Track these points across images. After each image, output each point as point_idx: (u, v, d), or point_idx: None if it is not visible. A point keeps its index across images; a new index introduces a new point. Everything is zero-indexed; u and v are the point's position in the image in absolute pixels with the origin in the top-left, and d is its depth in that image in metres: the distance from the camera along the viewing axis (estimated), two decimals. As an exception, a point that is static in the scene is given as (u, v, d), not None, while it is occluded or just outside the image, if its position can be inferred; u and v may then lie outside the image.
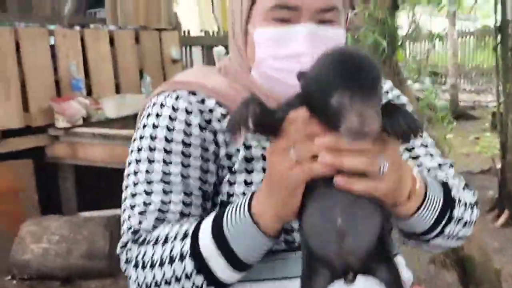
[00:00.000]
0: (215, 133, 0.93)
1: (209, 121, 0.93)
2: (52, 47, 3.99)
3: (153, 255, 0.84)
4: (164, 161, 0.90)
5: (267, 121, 0.71)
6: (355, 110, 0.62)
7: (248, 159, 0.90)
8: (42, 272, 3.40)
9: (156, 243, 0.85)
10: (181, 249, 0.81)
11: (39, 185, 3.87)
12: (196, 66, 1.08)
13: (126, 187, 0.93)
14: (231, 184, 0.90)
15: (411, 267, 1.08)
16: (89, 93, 4.17)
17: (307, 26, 0.88)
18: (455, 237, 0.95)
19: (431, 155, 1.05)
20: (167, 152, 0.91)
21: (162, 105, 0.93)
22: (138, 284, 0.86)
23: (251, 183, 0.89)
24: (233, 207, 0.82)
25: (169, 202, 0.89)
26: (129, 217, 0.90)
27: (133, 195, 0.91)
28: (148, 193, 0.90)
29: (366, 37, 2.44)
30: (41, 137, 3.87)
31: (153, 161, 0.91)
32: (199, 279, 0.81)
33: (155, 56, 4.87)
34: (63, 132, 3.80)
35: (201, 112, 0.93)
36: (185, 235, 0.82)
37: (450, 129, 2.73)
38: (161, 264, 0.83)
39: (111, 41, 4.43)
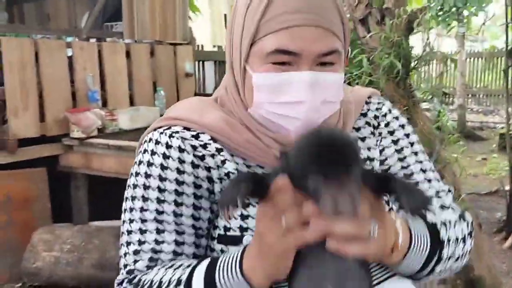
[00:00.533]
0: (208, 169, 0.94)
1: (202, 157, 0.94)
2: (70, 59, 4.07)
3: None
4: (158, 200, 0.92)
5: (257, 190, 0.75)
6: (328, 195, 0.65)
7: None
8: (52, 280, 3.43)
9: (151, 286, 0.87)
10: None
11: (52, 194, 3.93)
12: (192, 99, 1.09)
13: (124, 222, 0.95)
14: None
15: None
16: (104, 104, 4.23)
17: (308, 75, 0.87)
18: (449, 269, 0.96)
19: (429, 180, 1.03)
20: (160, 190, 0.93)
21: (157, 142, 0.94)
22: None
23: (247, 216, 0.91)
24: (225, 261, 0.83)
25: (163, 241, 0.91)
26: (125, 254, 0.93)
27: (129, 232, 0.93)
28: (142, 232, 0.92)
29: (382, 59, 2.49)
30: (55, 146, 3.93)
31: (148, 199, 0.93)
32: None
33: (169, 69, 4.95)
34: (78, 142, 3.86)
35: (195, 148, 0.94)
36: (178, 283, 0.84)
37: (462, 151, 2.76)
38: None
39: (127, 54, 4.51)
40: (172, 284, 0.85)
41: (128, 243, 0.93)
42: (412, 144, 1.06)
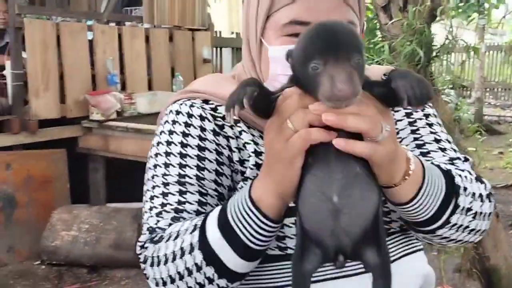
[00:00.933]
0: (227, 138, 0.95)
1: (222, 127, 0.95)
2: (90, 42, 4.11)
3: (166, 250, 0.85)
4: (180, 164, 0.93)
5: (264, 101, 0.74)
6: (327, 75, 0.65)
7: (259, 165, 0.91)
8: (70, 259, 3.51)
9: (168, 239, 0.86)
10: (190, 242, 0.82)
11: (70, 175, 3.99)
12: (210, 75, 1.10)
13: (147, 191, 0.96)
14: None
15: (436, 275, 1.04)
16: (123, 88, 4.27)
17: None
18: (467, 229, 0.89)
19: (444, 149, 0.99)
20: (182, 156, 0.93)
21: (178, 112, 0.97)
22: (156, 282, 0.87)
23: None
24: (235, 196, 0.83)
25: (185, 202, 0.91)
26: (148, 218, 0.92)
27: (152, 198, 0.93)
28: (165, 195, 0.92)
29: (403, 47, 2.47)
30: (75, 128, 3.99)
31: (170, 165, 0.93)
32: (209, 271, 0.81)
33: (187, 55, 4.97)
34: (97, 125, 3.91)
35: (214, 118, 0.96)
36: (194, 228, 0.84)
37: (481, 141, 2.75)
38: (174, 259, 0.84)
39: (146, 39, 4.54)
40: (189, 231, 0.84)
41: (151, 208, 0.93)
42: (427, 116, 1.04)
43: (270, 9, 0.90)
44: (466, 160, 0.99)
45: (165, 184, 0.93)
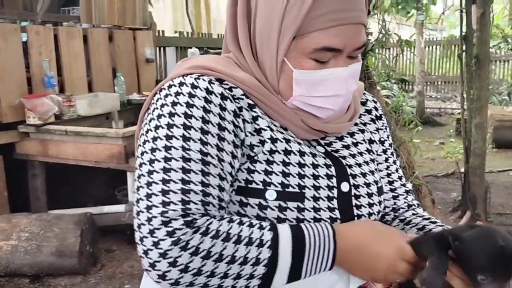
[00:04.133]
0: (244, 121, 0.92)
1: (240, 109, 0.92)
2: (25, 44, 3.95)
3: (223, 250, 0.82)
4: (202, 141, 0.87)
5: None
6: None
7: (272, 151, 0.92)
8: (10, 270, 3.35)
9: (226, 240, 0.82)
10: (257, 256, 0.83)
11: (8, 183, 3.82)
12: (210, 55, 1.03)
13: (148, 173, 0.86)
14: (250, 171, 0.91)
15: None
16: (62, 90, 4.14)
17: (346, 70, 0.92)
18: None
19: (400, 177, 1.18)
20: (204, 132, 0.87)
21: (194, 86, 0.90)
22: (185, 270, 0.80)
23: (271, 172, 0.91)
24: (316, 237, 0.87)
25: (209, 185, 0.86)
26: (165, 195, 0.83)
27: (166, 174, 0.84)
28: (186, 171, 0.85)
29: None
30: (11, 134, 3.82)
31: (190, 139, 0.86)
32: (254, 283, 0.84)
33: (128, 55, 4.87)
34: (34, 129, 3.76)
35: (234, 98, 0.92)
36: (260, 243, 0.83)
37: (416, 131, 2.84)
38: (231, 262, 0.82)
39: (85, 39, 4.41)
40: (255, 243, 0.83)
41: (167, 184, 0.83)
42: (391, 145, 1.18)
43: (299, 30, 0.89)
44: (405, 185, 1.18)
45: (186, 159, 0.85)
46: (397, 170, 1.17)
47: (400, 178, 1.17)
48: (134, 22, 4.98)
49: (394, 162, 1.18)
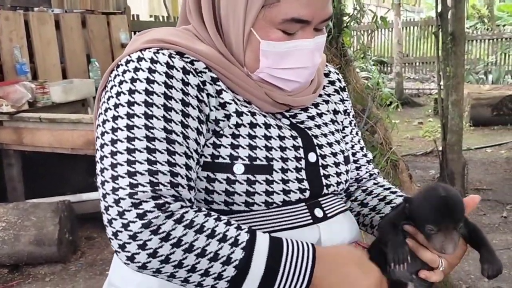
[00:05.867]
0: (208, 96, 0.89)
1: (204, 83, 0.89)
2: (-6, 30, 3.86)
3: (195, 241, 0.78)
4: (165, 118, 0.83)
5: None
6: (438, 239, 0.87)
7: (238, 125, 0.90)
8: (-12, 260, 3.31)
9: (199, 232, 0.79)
10: (229, 255, 0.78)
11: (-17, 173, 3.75)
12: (166, 28, 0.98)
13: (111, 154, 0.82)
14: (216, 146, 0.89)
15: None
16: (35, 77, 4.05)
17: (313, 41, 0.91)
18: None
19: (362, 148, 1.20)
20: (167, 109, 0.84)
21: (154, 61, 0.86)
22: (152, 255, 0.77)
23: (237, 146, 0.89)
24: (293, 256, 0.82)
25: (175, 164, 0.82)
26: (132, 176, 0.79)
27: (131, 163, 0.80)
28: (151, 151, 0.81)
29: (313, 18, 2.50)
30: (-17, 123, 3.74)
31: (153, 117, 0.82)
32: (222, 285, 0.79)
33: (103, 40, 4.78)
34: (8, 117, 3.68)
35: (197, 72, 0.89)
36: (235, 243, 0.79)
37: (393, 108, 2.85)
38: (200, 255, 0.78)
39: (57, 25, 4.31)
40: (228, 241, 0.79)
41: (132, 165, 0.79)
42: (353, 116, 1.19)
43: (266, 0, 0.87)
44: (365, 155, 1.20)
45: (150, 139, 0.81)
46: (359, 141, 1.18)
47: (362, 148, 1.18)
48: (108, 6, 4.89)
49: (357, 133, 1.19)
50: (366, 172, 1.18)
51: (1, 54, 3.85)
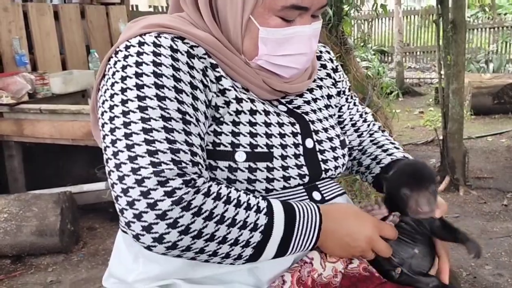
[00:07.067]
0: (210, 81, 0.90)
1: (206, 68, 0.89)
2: (-7, 21, 3.84)
3: (225, 213, 0.79)
4: (178, 100, 0.83)
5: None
6: (413, 200, 0.94)
7: (238, 112, 0.90)
8: (-10, 251, 3.32)
9: (228, 202, 0.80)
10: (255, 222, 0.81)
11: (-16, 164, 3.76)
12: (163, 15, 0.98)
13: (126, 136, 0.80)
14: (216, 134, 0.89)
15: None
16: (34, 68, 4.04)
17: (310, 28, 0.92)
18: None
19: (365, 120, 1.24)
20: (178, 91, 0.83)
21: (157, 45, 0.85)
22: (184, 231, 0.76)
23: (238, 134, 0.89)
24: (305, 213, 0.87)
25: (193, 144, 0.83)
26: (153, 155, 0.78)
27: (148, 135, 0.79)
28: (169, 130, 0.81)
29: (313, 6, 2.49)
30: (-17, 115, 3.74)
31: (166, 98, 0.82)
32: (247, 252, 0.82)
33: (102, 31, 4.77)
34: (8, 109, 3.68)
35: (199, 58, 0.89)
36: (258, 209, 0.82)
37: (393, 97, 2.84)
38: (231, 225, 0.79)
39: (56, 16, 4.30)
40: (253, 208, 0.83)
41: (152, 152, 0.78)
42: (349, 90, 1.21)
43: None
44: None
45: (167, 119, 0.80)
46: (357, 110, 1.21)
47: (361, 115, 1.22)
48: (106, -3, 4.87)
49: (355, 104, 1.21)
50: (367, 132, 1.22)
51: (0, 45, 3.84)
